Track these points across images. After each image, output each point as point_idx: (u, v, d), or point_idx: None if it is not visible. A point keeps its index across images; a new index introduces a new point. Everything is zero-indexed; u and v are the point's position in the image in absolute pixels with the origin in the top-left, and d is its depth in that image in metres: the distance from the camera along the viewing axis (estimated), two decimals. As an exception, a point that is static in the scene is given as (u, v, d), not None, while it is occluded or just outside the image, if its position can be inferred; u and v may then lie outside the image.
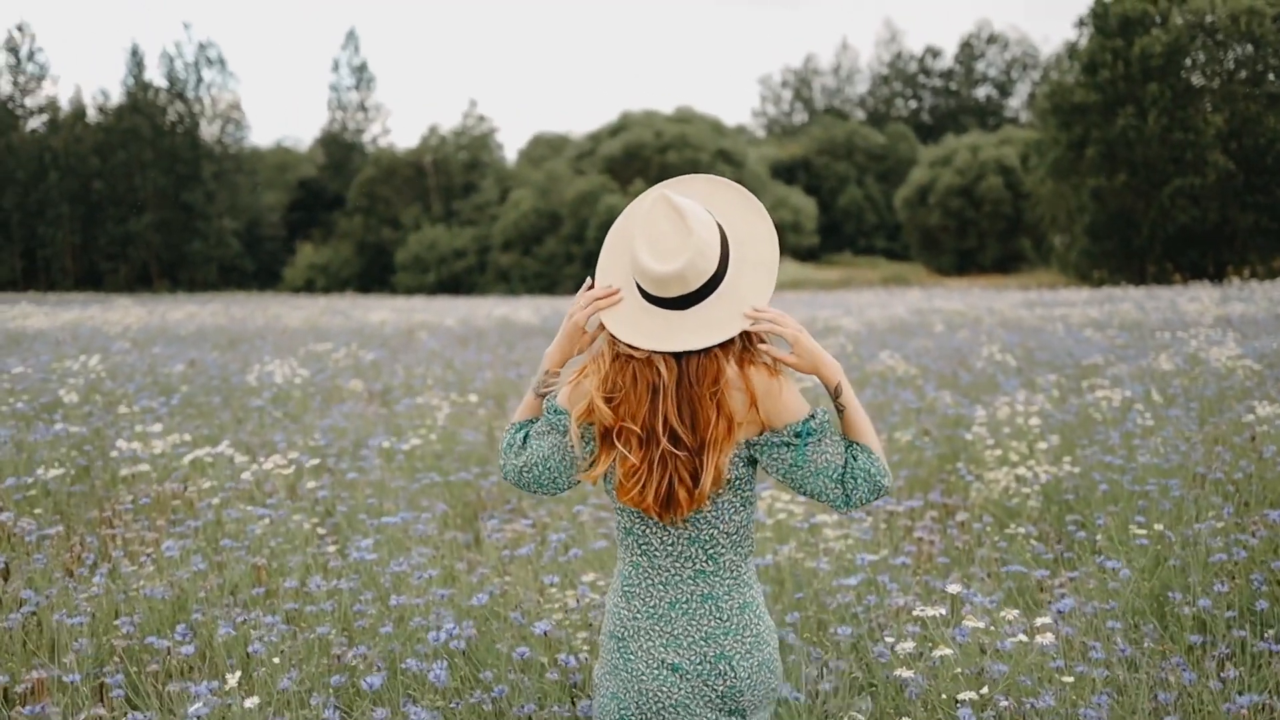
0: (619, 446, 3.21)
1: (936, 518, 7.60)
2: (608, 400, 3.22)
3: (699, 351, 3.18)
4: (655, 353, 3.19)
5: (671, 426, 3.17)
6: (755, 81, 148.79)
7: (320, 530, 6.80)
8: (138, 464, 8.29)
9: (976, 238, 79.49)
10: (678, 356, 3.19)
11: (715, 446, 3.16)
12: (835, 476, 3.23)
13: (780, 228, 78.29)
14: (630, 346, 3.21)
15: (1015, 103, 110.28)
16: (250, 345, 19.99)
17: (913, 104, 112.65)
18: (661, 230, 3.15)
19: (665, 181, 3.37)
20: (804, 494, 3.30)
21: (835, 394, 3.29)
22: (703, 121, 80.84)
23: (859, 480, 3.22)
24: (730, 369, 3.20)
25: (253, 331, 23.61)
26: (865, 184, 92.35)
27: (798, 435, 3.20)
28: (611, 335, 3.25)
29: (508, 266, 72.24)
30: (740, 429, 3.20)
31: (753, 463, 3.30)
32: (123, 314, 27.94)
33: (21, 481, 8.13)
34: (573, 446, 3.30)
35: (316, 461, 7.97)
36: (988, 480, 8.05)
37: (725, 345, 3.20)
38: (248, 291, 73.87)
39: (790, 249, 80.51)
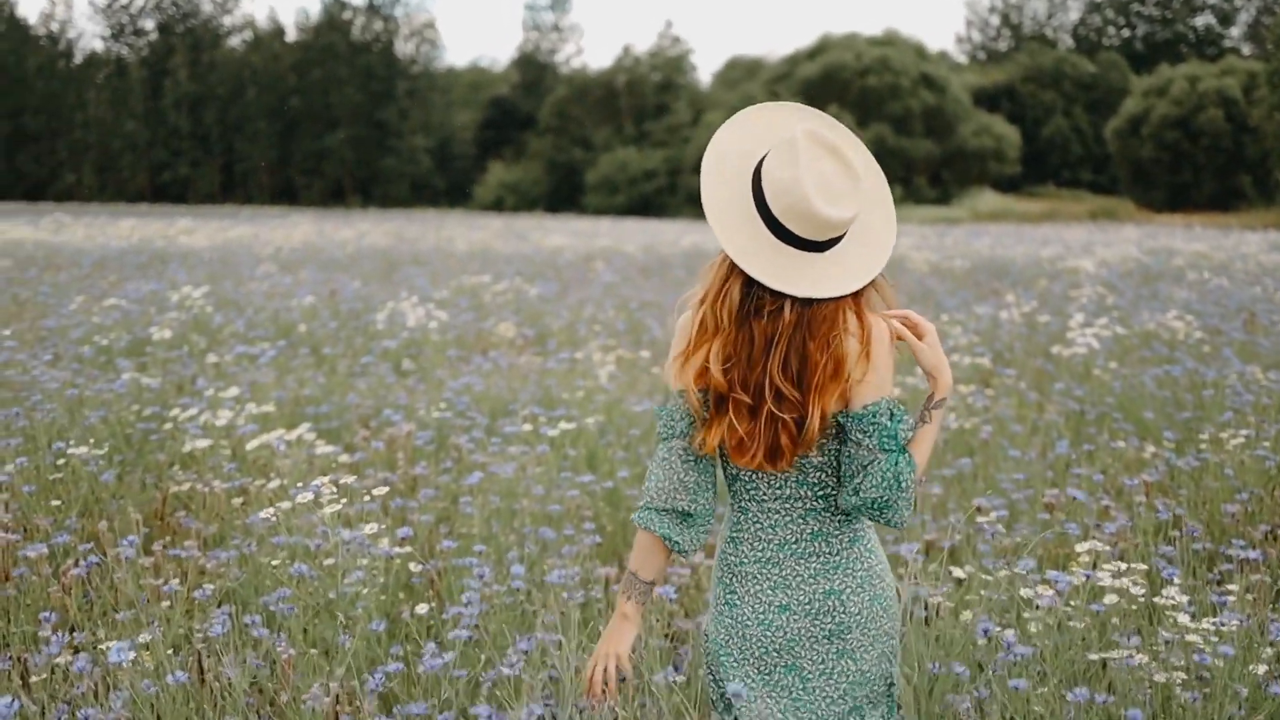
0: (731, 417, 3.10)
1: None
2: (724, 368, 3.08)
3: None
4: (789, 299, 3.04)
5: (775, 385, 3.07)
6: (961, 5, 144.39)
7: (415, 566, 4.62)
8: (197, 440, 6.25)
9: (1192, 172, 76.00)
10: (805, 302, 3.05)
11: (820, 392, 3.05)
12: (860, 465, 3.10)
13: (981, 156, 76.01)
14: (772, 296, 3.05)
15: (1236, 33, 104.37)
16: (406, 272, 17.96)
17: (1125, 33, 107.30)
18: (826, 170, 3.01)
19: (750, 109, 3.24)
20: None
21: (936, 405, 3.21)
22: (905, 45, 78.21)
23: (885, 478, 3.08)
24: (850, 318, 3.09)
25: (414, 256, 21.63)
26: (1073, 114, 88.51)
27: (879, 431, 3.08)
28: (739, 296, 3.09)
29: (698, 189, 70.40)
30: (845, 377, 3.06)
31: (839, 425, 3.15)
32: (287, 232, 26.26)
33: (52, 459, 6.19)
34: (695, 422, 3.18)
35: (432, 449, 5.79)
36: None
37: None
38: (438, 209, 73.53)
39: (991, 179, 78.20)
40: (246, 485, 5.81)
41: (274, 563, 4.20)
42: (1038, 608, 4.34)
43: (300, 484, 5.00)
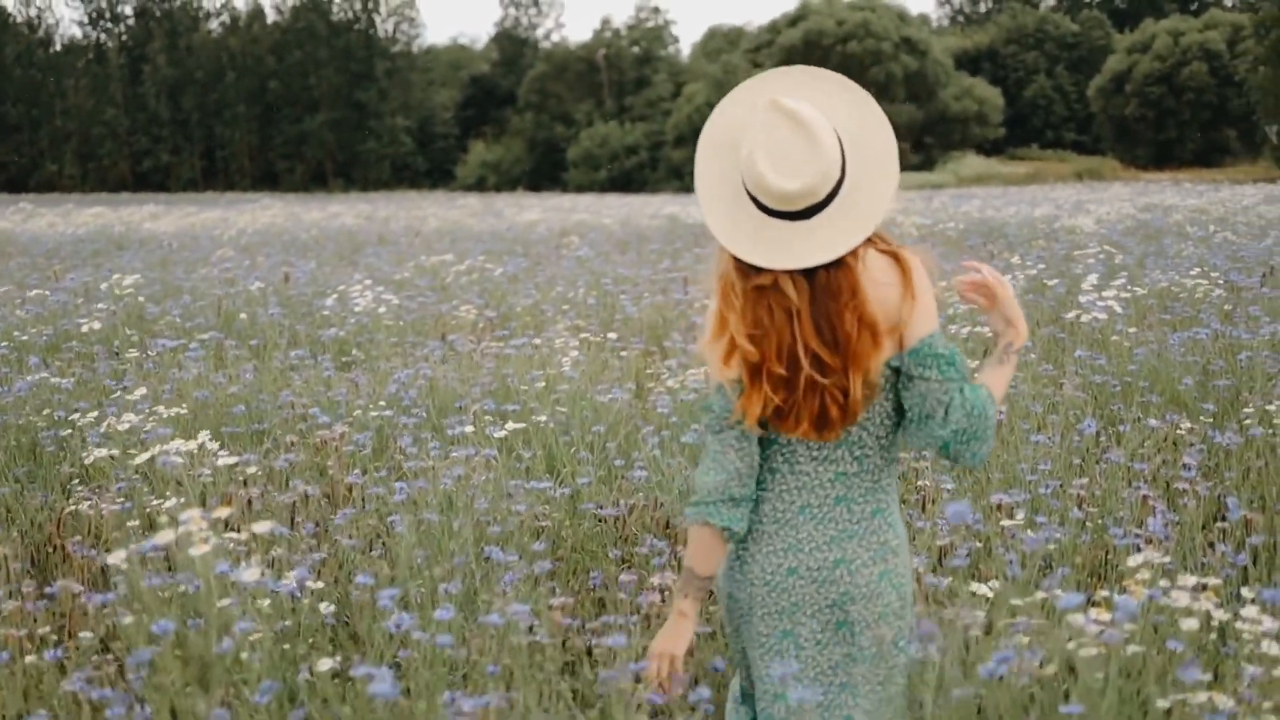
0: (766, 388, 3.05)
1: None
2: (750, 337, 3.04)
3: (829, 263, 3.00)
4: (781, 273, 3.01)
5: (813, 351, 3.02)
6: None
7: (325, 607, 3.79)
8: (97, 449, 5.43)
9: (1176, 128, 76.36)
10: (807, 272, 3.01)
11: (859, 362, 3.02)
12: (939, 401, 3.06)
13: (964, 119, 75.54)
14: (756, 270, 3.02)
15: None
16: (369, 253, 17.06)
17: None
18: (781, 140, 2.96)
19: (757, 76, 3.19)
20: (910, 423, 3.15)
21: (1012, 351, 3.23)
22: (886, 9, 77.48)
23: (970, 407, 3.07)
24: (874, 261, 3.05)
25: (380, 236, 20.74)
26: (1055, 74, 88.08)
27: (939, 361, 3.06)
28: (740, 265, 3.06)
29: (680, 163, 69.91)
30: (886, 337, 3.04)
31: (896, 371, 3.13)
32: (253, 215, 25.35)
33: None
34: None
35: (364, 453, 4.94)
36: None
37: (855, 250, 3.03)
38: (420, 190, 72.72)
39: (975, 142, 77.98)
40: (148, 505, 4.97)
41: (127, 620, 3.33)
42: (1084, 639, 3.49)
43: (186, 512, 4.14)
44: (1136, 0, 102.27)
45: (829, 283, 3.01)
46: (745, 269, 3.05)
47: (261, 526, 3.24)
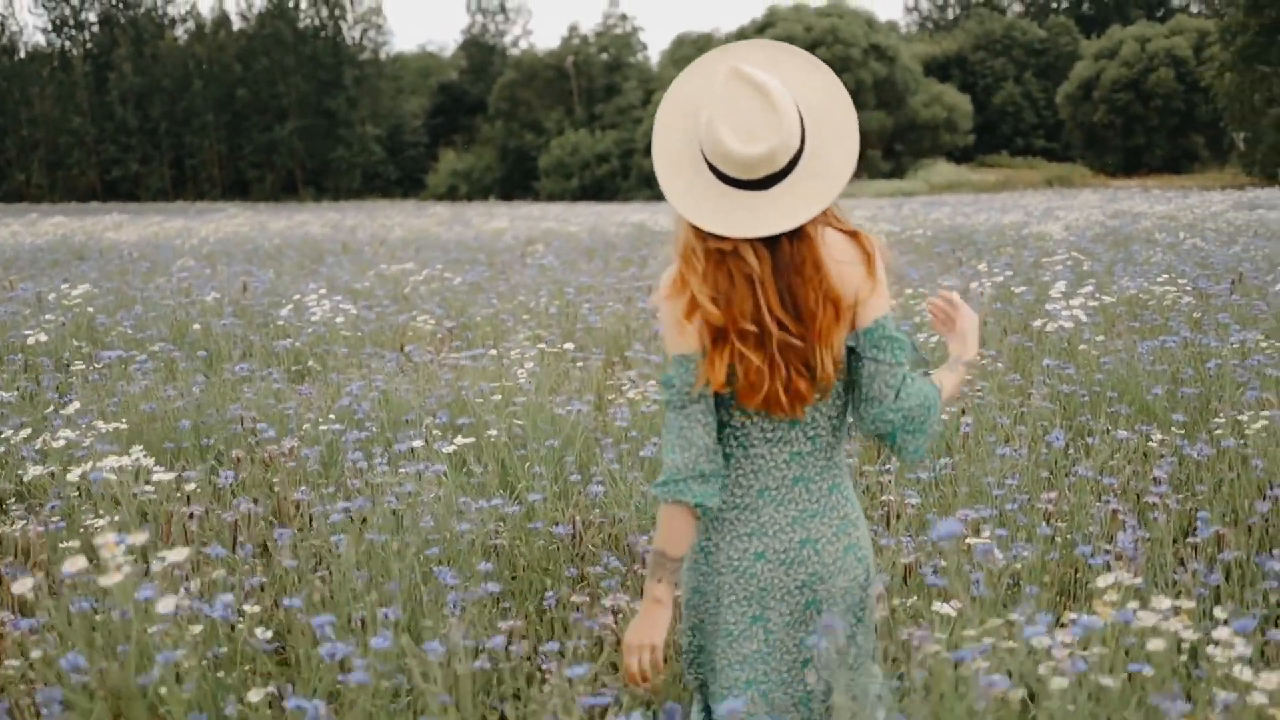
0: (739, 347, 3.03)
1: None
2: (714, 300, 3.02)
3: (790, 234, 3.01)
4: (742, 241, 3.00)
5: (778, 318, 3.02)
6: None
7: (262, 632, 3.62)
8: (35, 467, 5.24)
9: (1144, 135, 76.72)
10: (768, 242, 3.02)
11: (825, 336, 3.04)
12: (894, 383, 3.08)
13: (934, 127, 75.86)
14: (716, 236, 3.01)
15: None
16: (331, 262, 16.83)
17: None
18: (744, 110, 2.97)
19: (722, 49, 3.17)
20: (859, 403, 3.14)
21: (961, 363, 3.36)
22: (854, 16, 77.84)
23: (921, 393, 3.11)
24: (832, 238, 3.07)
25: (344, 245, 20.51)
26: (1024, 80, 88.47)
27: (891, 344, 3.08)
28: (695, 236, 3.06)
29: (651, 170, 69.83)
30: (848, 312, 3.06)
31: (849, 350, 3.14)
32: (218, 225, 25.08)
33: None
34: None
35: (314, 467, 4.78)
36: None
37: (816, 222, 3.04)
38: (391, 199, 72.34)
39: (945, 150, 78.49)
40: (83, 524, 4.79)
41: (36, 655, 3.14)
42: (1051, 659, 3.34)
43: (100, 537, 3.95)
44: (1103, 6, 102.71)
45: (792, 255, 3.02)
46: (704, 233, 3.04)
47: (179, 554, 3.06)
